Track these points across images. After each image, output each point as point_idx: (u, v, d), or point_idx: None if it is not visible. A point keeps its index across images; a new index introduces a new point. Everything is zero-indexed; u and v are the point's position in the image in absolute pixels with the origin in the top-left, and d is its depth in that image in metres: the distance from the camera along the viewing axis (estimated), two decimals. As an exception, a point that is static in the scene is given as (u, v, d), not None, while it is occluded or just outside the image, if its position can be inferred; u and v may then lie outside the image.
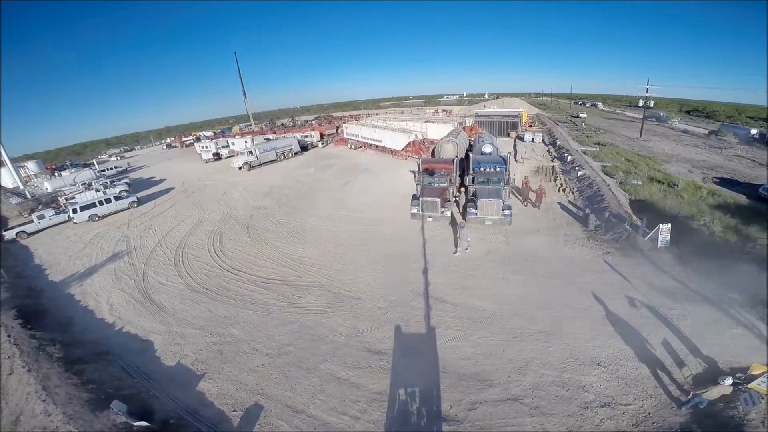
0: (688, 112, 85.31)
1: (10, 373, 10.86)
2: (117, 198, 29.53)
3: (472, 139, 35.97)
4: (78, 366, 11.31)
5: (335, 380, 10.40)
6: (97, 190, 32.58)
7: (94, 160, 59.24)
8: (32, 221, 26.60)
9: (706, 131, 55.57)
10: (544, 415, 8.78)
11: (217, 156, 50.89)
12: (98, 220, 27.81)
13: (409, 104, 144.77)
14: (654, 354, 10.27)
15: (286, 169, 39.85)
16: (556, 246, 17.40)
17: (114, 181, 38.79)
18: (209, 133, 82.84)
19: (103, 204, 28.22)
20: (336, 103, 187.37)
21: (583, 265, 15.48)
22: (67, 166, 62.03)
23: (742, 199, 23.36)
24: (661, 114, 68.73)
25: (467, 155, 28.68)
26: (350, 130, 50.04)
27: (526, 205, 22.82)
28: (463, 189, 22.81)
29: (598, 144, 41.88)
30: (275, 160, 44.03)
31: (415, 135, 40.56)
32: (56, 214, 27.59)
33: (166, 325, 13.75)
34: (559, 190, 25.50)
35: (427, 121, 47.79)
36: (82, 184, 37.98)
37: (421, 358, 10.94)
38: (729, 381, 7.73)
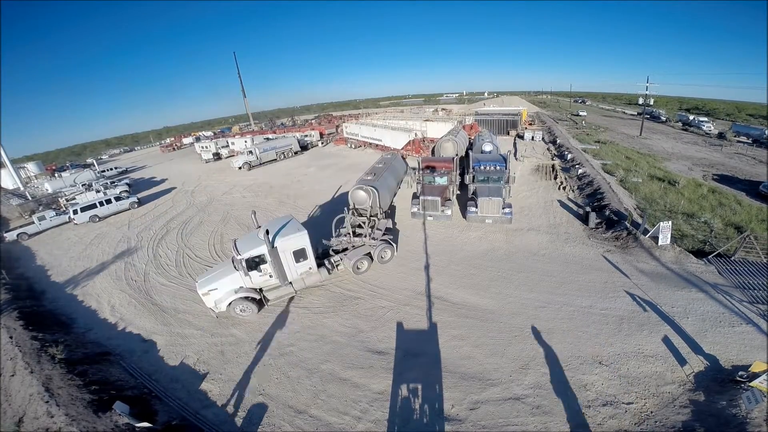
0: (687, 110, 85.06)
1: (12, 375, 10.89)
2: (117, 199, 29.53)
3: (472, 137, 35.94)
4: (80, 367, 11.32)
5: (336, 380, 10.41)
6: (98, 191, 32.60)
7: (94, 161, 59.17)
8: (33, 222, 26.63)
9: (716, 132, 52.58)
10: (546, 414, 8.78)
11: (217, 156, 50.88)
12: (99, 221, 27.82)
13: (409, 103, 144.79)
14: (655, 352, 10.27)
15: (286, 168, 39.83)
16: (557, 244, 17.39)
17: (114, 182, 38.79)
18: (209, 134, 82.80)
19: (103, 205, 28.22)
20: (336, 102, 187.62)
21: (584, 263, 15.47)
22: (68, 167, 62.01)
23: (742, 196, 23.37)
24: (691, 117, 64.12)
25: (467, 154, 28.69)
26: (350, 129, 50.01)
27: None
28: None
29: (598, 142, 41.86)
30: (275, 159, 44.01)
31: (415, 134, 40.53)
32: (57, 215, 27.61)
33: (167, 326, 13.77)
34: (559, 188, 25.48)
35: (426, 120, 47.77)
36: (82, 185, 37.99)
37: (422, 357, 10.95)
38: None
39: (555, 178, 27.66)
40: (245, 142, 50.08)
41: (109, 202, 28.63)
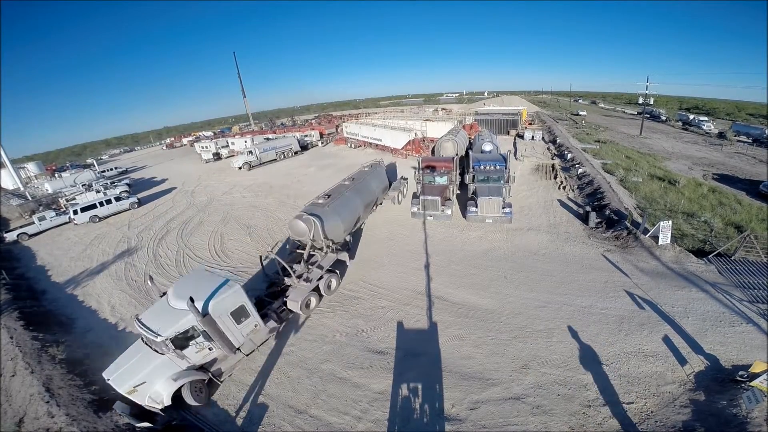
0: (687, 110, 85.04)
1: (13, 375, 10.89)
2: (117, 199, 29.51)
3: (472, 137, 35.94)
4: (81, 367, 11.33)
5: (337, 380, 10.41)
6: (98, 192, 32.60)
7: (94, 161, 59.20)
8: (33, 223, 26.61)
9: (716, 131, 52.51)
10: (546, 414, 8.78)
11: (217, 156, 50.88)
12: (99, 221, 27.81)
13: (409, 103, 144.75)
14: (655, 352, 10.26)
15: (286, 168, 39.82)
16: (557, 244, 17.38)
17: (114, 182, 38.79)
18: (209, 134, 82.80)
19: (103, 205, 28.22)
20: (335, 102, 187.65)
21: (584, 263, 15.47)
22: (68, 167, 62.03)
23: (742, 195, 23.36)
24: (691, 117, 64.08)
25: (467, 153, 28.69)
26: (350, 129, 49.97)
27: None
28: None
29: (598, 141, 41.84)
30: (275, 159, 43.99)
31: (415, 133, 40.51)
32: (57, 215, 27.59)
33: (167, 325, 13.74)
34: (559, 188, 25.47)
35: (426, 120, 47.76)
36: (82, 185, 37.99)
37: (422, 357, 10.95)
38: None
39: (555, 177, 27.65)
40: (245, 142, 50.06)
41: (109, 202, 28.61)
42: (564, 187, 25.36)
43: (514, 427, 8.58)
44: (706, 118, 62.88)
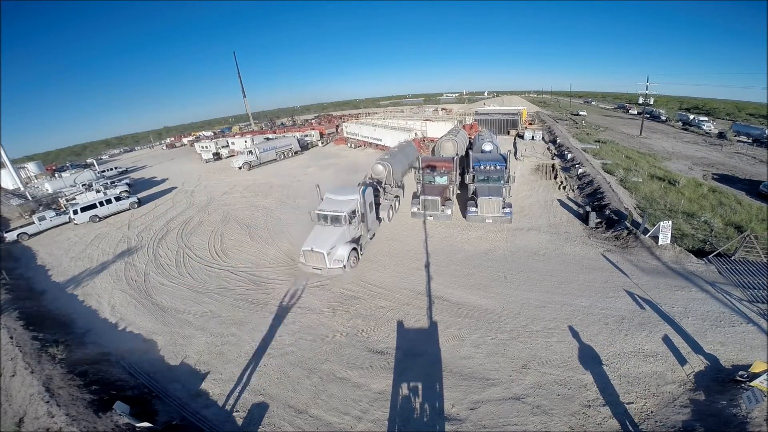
0: (687, 110, 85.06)
1: (13, 375, 10.89)
2: (117, 199, 29.54)
3: (472, 137, 35.95)
4: (81, 367, 11.32)
5: (337, 380, 10.41)
6: (98, 191, 32.60)
7: (94, 161, 59.15)
8: (33, 223, 26.63)
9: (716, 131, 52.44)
10: (546, 414, 8.78)
11: (217, 156, 50.89)
12: (99, 221, 27.82)
13: (409, 103, 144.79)
14: (655, 352, 10.26)
15: (286, 168, 39.85)
16: (557, 244, 17.38)
17: (114, 182, 38.79)
18: (209, 134, 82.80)
19: (103, 205, 28.24)
20: (335, 102, 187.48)
21: (584, 263, 15.47)
22: (68, 167, 62.01)
23: (742, 195, 23.37)
24: (691, 117, 64.54)
25: (467, 153, 28.69)
26: (350, 129, 50.01)
27: None
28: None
29: (598, 141, 41.85)
30: (275, 159, 44.02)
31: (415, 133, 40.52)
32: (57, 215, 27.61)
33: (168, 325, 13.77)
34: (559, 188, 25.48)
35: (426, 120, 47.81)
36: (82, 185, 37.99)
37: (422, 357, 10.95)
38: None
39: (555, 177, 27.66)
40: (245, 142, 50.10)
41: (109, 202, 28.63)
42: (564, 187, 25.37)
43: (514, 427, 8.58)
44: (706, 118, 62.93)
